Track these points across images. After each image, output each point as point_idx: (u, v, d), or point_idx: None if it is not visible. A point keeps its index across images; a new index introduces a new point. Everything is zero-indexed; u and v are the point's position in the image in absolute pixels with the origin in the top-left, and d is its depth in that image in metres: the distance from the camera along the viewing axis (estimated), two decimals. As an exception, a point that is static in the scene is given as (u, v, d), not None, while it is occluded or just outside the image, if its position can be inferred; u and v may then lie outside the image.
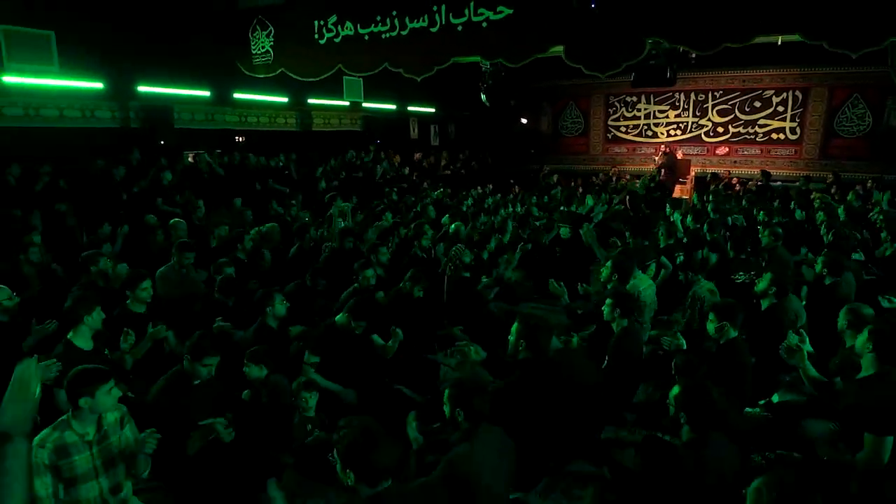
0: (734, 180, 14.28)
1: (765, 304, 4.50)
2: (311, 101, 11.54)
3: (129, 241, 6.57)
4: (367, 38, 8.04)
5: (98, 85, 7.83)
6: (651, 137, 16.66)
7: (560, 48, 7.09)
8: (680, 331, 4.56)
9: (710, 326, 3.79)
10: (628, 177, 15.66)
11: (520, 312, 3.74)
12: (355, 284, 4.85)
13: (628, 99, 16.80)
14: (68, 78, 7.47)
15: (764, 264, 6.09)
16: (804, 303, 5.13)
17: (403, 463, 2.74)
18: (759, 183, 13.27)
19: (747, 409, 4.03)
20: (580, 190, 12.98)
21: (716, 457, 2.38)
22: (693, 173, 15.59)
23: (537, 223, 8.72)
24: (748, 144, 15.49)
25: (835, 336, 4.06)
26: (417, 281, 4.75)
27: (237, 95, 9.98)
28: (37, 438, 2.46)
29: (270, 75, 8.94)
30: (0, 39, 6.68)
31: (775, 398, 4.23)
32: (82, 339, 3.47)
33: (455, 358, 3.53)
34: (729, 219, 8.51)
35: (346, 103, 12.26)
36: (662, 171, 14.01)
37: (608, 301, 3.98)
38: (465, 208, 9.70)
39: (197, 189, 8.90)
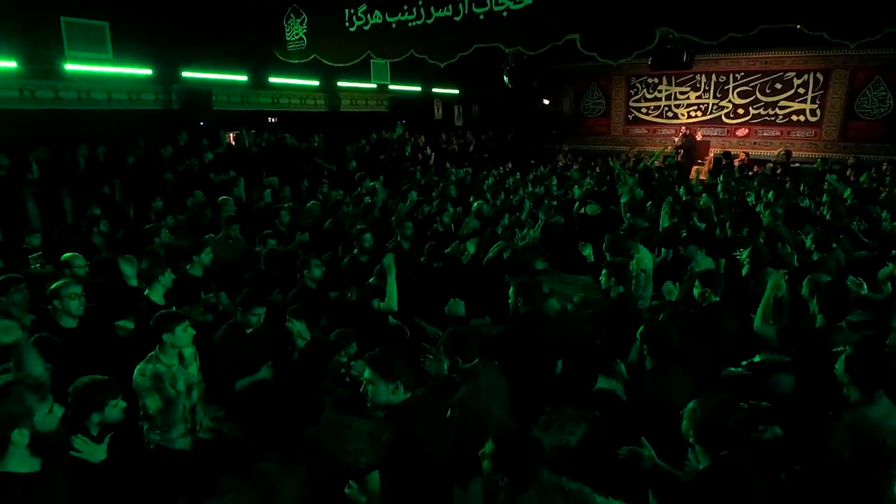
0: (747, 161, 14.46)
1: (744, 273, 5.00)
2: (340, 83, 12.11)
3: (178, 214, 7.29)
4: (394, 25, 8.55)
5: (147, 71, 8.53)
6: (671, 119, 16.89)
7: (576, 36, 7.52)
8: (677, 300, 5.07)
9: (695, 292, 4.32)
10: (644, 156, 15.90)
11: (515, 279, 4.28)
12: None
13: (650, 80, 17.02)
14: (121, 65, 8.17)
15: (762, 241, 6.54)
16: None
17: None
18: (781, 164, 13.46)
19: (731, 369, 4.56)
20: (597, 170, 13.36)
21: (671, 382, 2.92)
22: (712, 154, 15.87)
23: (554, 202, 9.24)
24: (768, 126, 15.64)
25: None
26: (434, 256, 5.36)
27: (272, 79, 10.59)
28: (137, 369, 3.14)
29: (304, 61, 9.53)
30: (62, 30, 7.36)
31: (757, 358, 4.75)
32: (157, 296, 4.15)
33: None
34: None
35: (374, 86, 12.83)
36: (680, 152, 14.29)
37: (604, 271, 4.53)
38: (485, 187, 10.22)
39: (237, 167, 9.58)
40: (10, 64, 7.07)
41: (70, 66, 7.57)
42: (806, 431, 3.12)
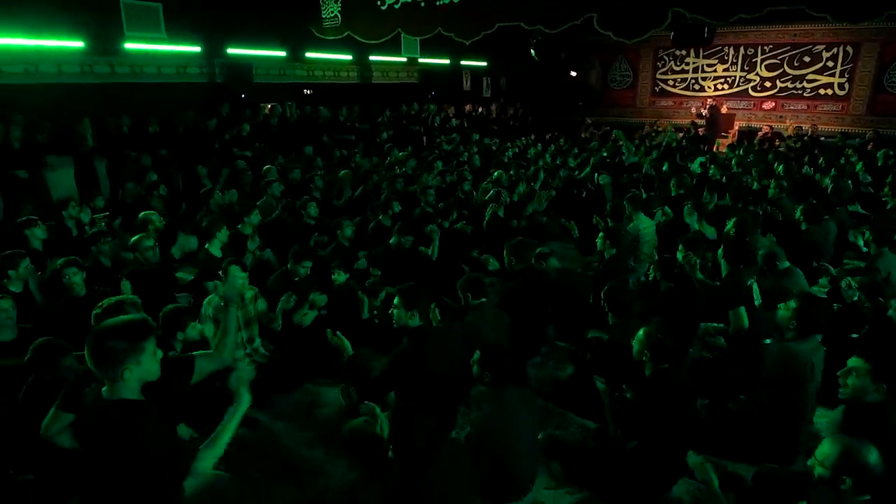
0: (771, 134, 14.61)
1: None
2: (372, 57, 12.69)
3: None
4: (423, 4, 9.07)
5: (196, 48, 9.25)
6: (698, 91, 17.03)
7: (594, 15, 7.96)
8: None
9: (679, 255, 4.91)
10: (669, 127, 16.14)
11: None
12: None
13: (677, 53, 17.12)
14: (173, 43, 8.91)
15: (762, 213, 7.02)
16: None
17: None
18: (805, 138, 13.63)
19: (712, 324, 5.14)
20: (619, 143, 13.73)
21: (625, 331, 3.53)
22: (737, 127, 16.04)
23: (573, 173, 9.77)
24: (795, 100, 15.71)
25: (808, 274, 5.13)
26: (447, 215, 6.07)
27: (308, 54, 11.25)
28: (204, 302, 3.91)
29: (338, 37, 10.14)
30: (122, 13, 8.10)
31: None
32: (215, 249, 4.93)
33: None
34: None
35: (404, 59, 13.37)
36: (702, 124, 14.53)
37: (600, 235, 5.14)
38: (505, 159, 10.78)
39: (273, 138, 10.35)
40: (79, 44, 7.87)
41: (129, 45, 8.33)
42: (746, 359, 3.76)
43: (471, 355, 2.95)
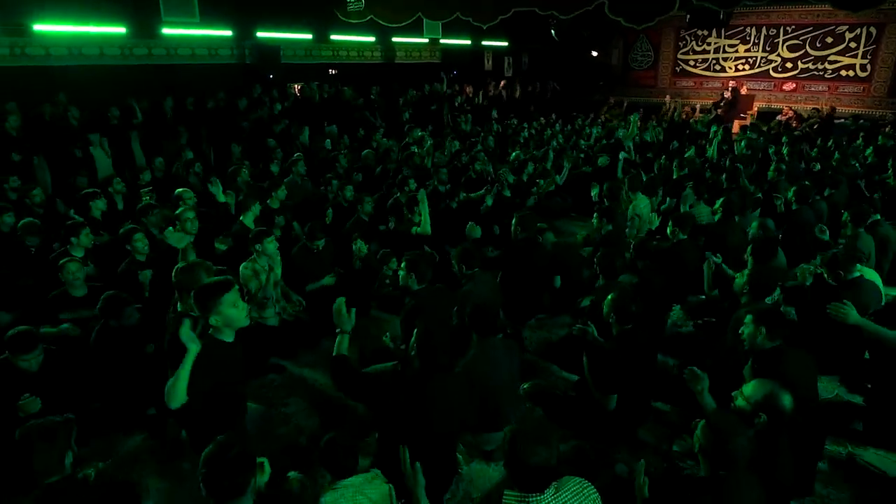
0: (789, 116, 14.68)
1: (716, 217, 5.96)
2: (394, 39, 13.12)
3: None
4: (442, -11, 9.51)
5: (228, 32, 9.81)
6: (719, 72, 17.09)
7: (605, 1, 8.30)
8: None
9: (668, 230, 5.35)
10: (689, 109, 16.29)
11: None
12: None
13: (699, 33, 17.14)
14: (206, 27, 9.47)
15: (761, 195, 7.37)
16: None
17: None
18: (820, 119, 13.73)
19: (690, 297, 5.57)
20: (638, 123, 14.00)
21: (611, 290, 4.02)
22: (756, 108, 16.10)
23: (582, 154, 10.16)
24: (816, 81, 15.71)
25: (798, 253, 5.55)
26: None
27: (333, 37, 11.73)
28: (241, 266, 4.51)
29: (361, 21, 10.59)
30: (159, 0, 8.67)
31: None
32: (249, 221, 5.52)
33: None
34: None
35: (426, 40, 13.76)
36: (720, 106, 14.67)
37: (595, 215, 5.61)
38: (521, 139, 11.18)
39: (301, 117, 10.90)
40: (121, 30, 8.48)
41: (165, 30, 8.92)
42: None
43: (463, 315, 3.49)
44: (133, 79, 10.12)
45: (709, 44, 17.16)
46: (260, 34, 10.46)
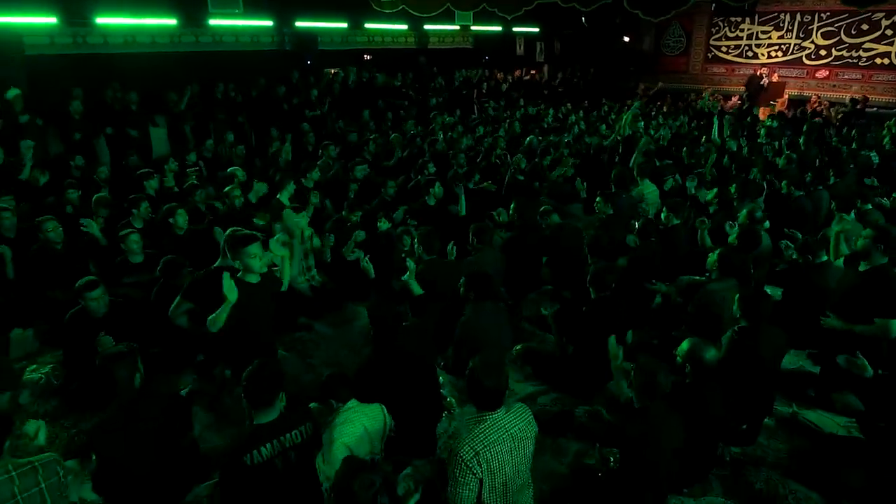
0: (819, 104, 14.66)
1: (711, 209, 6.38)
2: (426, 27, 13.62)
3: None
4: (470, -19, 9.97)
5: (269, 23, 10.51)
6: (751, 59, 17.06)
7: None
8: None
9: (662, 215, 5.82)
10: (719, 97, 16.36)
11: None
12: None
13: (732, 19, 17.10)
14: (250, 18, 10.17)
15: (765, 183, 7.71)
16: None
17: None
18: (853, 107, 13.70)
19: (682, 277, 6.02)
20: (664, 109, 14.25)
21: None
22: (787, 96, 16.07)
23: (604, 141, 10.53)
24: (849, 69, 15.59)
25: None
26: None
27: (367, 25, 12.33)
28: (272, 240, 5.19)
29: (394, 11, 11.13)
30: (207, -8, 9.39)
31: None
32: (284, 199, 6.19)
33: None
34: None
35: (457, 27, 14.23)
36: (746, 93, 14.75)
37: (598, 199, 6.11)
38: (546, 125, 11.62)
39: (334, 102, 11.56)
40: (172, 21, 9.24)
41: (212, 21, 9.65)
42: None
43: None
44: (181, 65, 10.93)
45: (742, 30, 17.12)
46: (298, 24, 11.11)
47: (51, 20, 7.98)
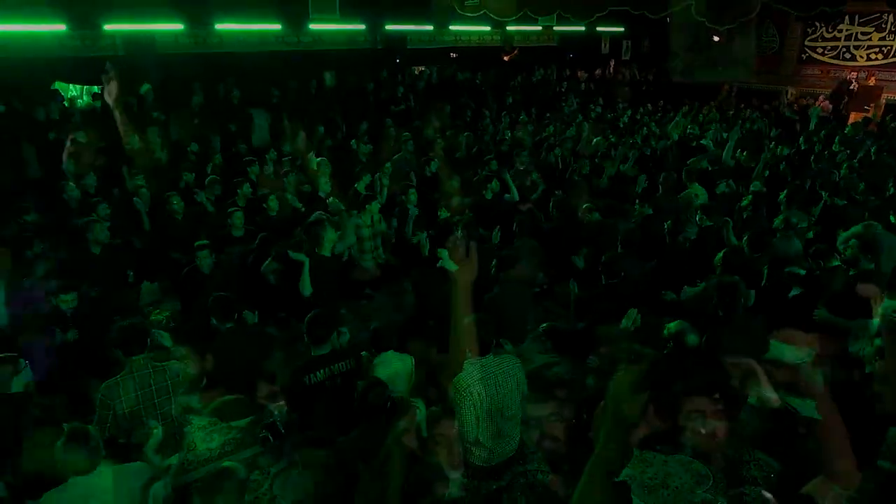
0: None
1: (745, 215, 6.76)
2: (509, 28, 14.34)
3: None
4: (547, -11, 10.59)
5: (361, 27, 11.64)
6: (848, 60, 16.41)
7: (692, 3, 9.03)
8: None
9: (696, 216, 6.31)
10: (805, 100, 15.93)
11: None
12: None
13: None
14: (346, 22, 11.35)
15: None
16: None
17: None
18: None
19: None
20: (731, 112, 14.19)
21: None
22: (884, 100, 15.38)
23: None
24: (956, 73, 14.77)
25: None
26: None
27: (452, 27, 13.22)
28: (351, 220, 6.21)
29: (476, 14, 11.94)
30: (308, 2, 10.59)
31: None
32: (361, 188, 7.20)
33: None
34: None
35: (539, 28, 14.83)
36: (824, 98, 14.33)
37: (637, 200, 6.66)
38: (621, 125, 12.01)
39: (418, 98, 12.56)
40: (277, 27, 10.57)
41: (312, 26, 10.90)
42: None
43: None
44: (285, 63, 12.32)
45: (840, 30, 16.47)
46: (389, 27, 12.20)
47: (178, 27, 9.47)
